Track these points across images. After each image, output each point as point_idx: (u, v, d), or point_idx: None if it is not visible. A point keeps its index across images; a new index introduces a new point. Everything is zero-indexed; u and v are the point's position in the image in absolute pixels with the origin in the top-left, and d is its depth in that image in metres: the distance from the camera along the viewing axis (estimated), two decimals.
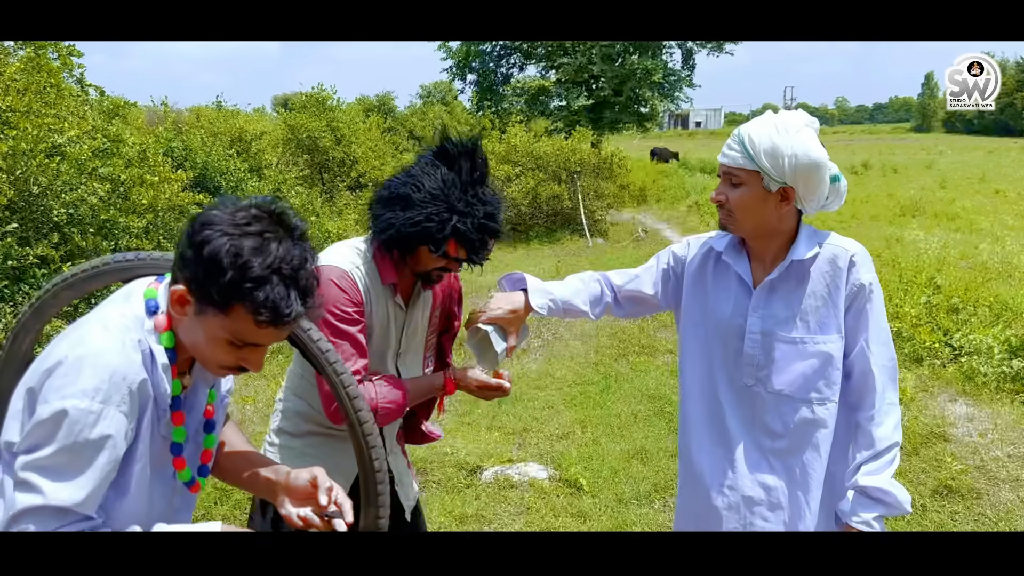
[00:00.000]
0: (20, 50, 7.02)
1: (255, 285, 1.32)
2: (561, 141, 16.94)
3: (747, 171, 1.87)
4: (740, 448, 2.01)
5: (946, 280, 7.78)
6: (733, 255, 2.03)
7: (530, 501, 4.28)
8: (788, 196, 1.89)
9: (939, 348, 6.22)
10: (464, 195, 2.01)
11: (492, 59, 29.14)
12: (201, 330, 1.40)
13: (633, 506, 4.22)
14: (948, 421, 5.13)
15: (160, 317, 1.45)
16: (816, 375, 1.94)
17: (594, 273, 2.28)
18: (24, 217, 5.90)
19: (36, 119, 6.09)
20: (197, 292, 1.36)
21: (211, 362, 1.45)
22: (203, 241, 1.32)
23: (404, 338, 2.25)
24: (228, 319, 1.36)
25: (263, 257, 1.33)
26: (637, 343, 7.27)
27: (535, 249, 13.59)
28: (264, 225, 1.37)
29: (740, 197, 1.89)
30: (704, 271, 2.11)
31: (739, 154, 1.87)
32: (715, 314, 2.05)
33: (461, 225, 1.99)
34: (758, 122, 1.89)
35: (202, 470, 1.62)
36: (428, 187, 2.00)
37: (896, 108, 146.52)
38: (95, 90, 8.57)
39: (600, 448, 4.97)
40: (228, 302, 1.34)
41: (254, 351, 1.43)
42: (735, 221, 1.93)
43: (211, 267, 1.32)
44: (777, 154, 1.83)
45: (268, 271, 1.33)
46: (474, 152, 2.08)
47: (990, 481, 4.35)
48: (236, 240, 1.33)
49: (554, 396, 5.99)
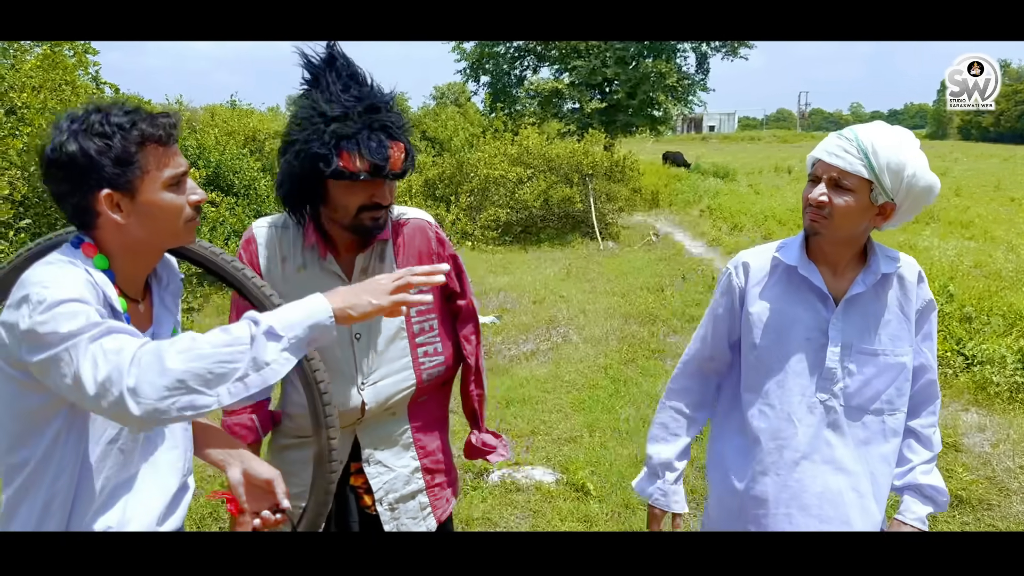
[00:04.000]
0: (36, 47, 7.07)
1: (127, 127, 1.45)
2: (574, 144, 16.92)
3: (860, 179, 1.79)
4: (810, 467, 1.95)
5: (960, 288, 7.72)
6: (808, 268, 1.94)
7: (536, 505, 4.27)
8: (886, 212, 1.85)
9: (952, 357, 6.17)
10: (337, 101, 1.83)
11: (506, 61, 29.17)
12: (147, 205, 1.49)
13: (641, 512, 4.20)
14: (960, 431, 5.08)
15: (86, 246, 1.52)
16: (892, 388, 1.93)
17: (674, 409, 2.21)
18: (37, 213, 5.94)
19: (51, 116, 6.13)
20: (108, 180, 1.45)
21: (176, 221, 1.53)
22: (70, 153, 1.43)
23: None
24: (148, 171, 1.47)
25: (105, 116, 1.45)
26: (647, 347, 7.24)
27: (546, 252, 13.58)
28: (72, 118, 1.48)
29: (847, 204, 1.81)
30: (775, 287, 2.00)
31: (858, 160, 1.78)
32: (792, 329, 1.96)
33: (343, 129, 1.80)
34: (879, 132, 1.82)
35: None
36: (302, 117, 1.85)
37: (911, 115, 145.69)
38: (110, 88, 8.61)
39: (608, 453, 4.95)
40: (137, 156, 1.46)
41: (183, 183, 1.54)
42: (830, 226, 1.84)
43: (96, 152, 1.43)
44: (899, 171, 1.78)
45: (121, 116, 1.46)
46: (332, 58, 1.89)
47: (1001, 492, 4.31)
48: (78, 130, 1.45)
49: (562, 399, 5.97)
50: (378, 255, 2.06)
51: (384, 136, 1.83)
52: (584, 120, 26.67)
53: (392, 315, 1.50)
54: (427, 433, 2.21)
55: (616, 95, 27.36)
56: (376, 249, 2.05)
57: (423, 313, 2.13)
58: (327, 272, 2.01)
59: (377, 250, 2.06)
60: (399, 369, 2.10)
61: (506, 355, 7.17)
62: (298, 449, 2.13)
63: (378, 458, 2.13)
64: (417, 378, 2.12)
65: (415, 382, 2.12)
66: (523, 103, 27.98)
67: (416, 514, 2.17)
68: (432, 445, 2.22)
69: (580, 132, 24.05)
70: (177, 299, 1.72)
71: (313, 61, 1.89)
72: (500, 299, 9.44)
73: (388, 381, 2.08)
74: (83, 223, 1.51)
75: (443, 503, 2.25)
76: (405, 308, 1.61)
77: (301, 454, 2.11)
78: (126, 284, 1.58)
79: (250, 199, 10.45)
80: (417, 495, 2.18)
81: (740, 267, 2.06)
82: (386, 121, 1.85)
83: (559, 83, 27.61)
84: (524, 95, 28.34)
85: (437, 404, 2.27)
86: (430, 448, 2.21)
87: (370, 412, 2.07)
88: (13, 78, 6.28)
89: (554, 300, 9.31)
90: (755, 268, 2.03)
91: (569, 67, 27.44)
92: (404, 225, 2.11)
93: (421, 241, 2.13)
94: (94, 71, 8.18)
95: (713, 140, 72.48)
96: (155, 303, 1.65)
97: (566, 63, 27.62)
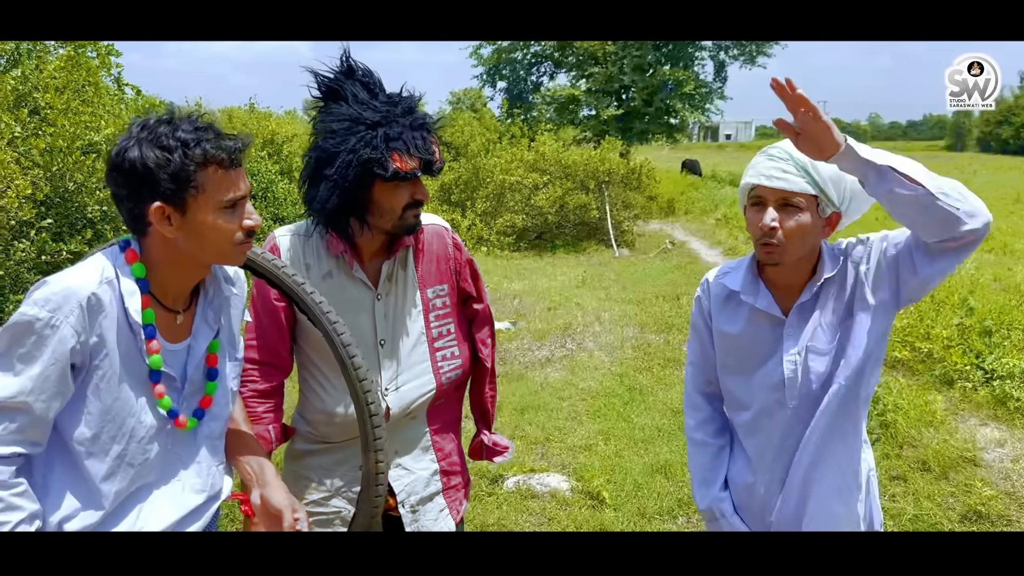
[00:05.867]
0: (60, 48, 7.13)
1: (191, 144, 1.47)
2: (590, 151, 16.91)
3: (807, 196, 1.79)
4: (792, 469, 1.96)
5: (979, 302, 7.65)
6: (752, 292, 1.94)
7: (551, 512, 4.26)
8: (833, 222, 1.86)
9: (971, 371, 6.11)
10: (371, 107, 1.88)
11: (523, 67, 29.23)
12: (198, 223, 1.51)
13: (656, 521, 4.18)
14: (979, 445, 5.03)
15: (129, 251, 1.56)
16: (855, 376, 1.88)
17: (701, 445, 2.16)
18: (59, 213, 5.98)
19: (74, 117, 6.18)
20: (162, 194, 1.47)
21: (225, 244, 1.55)
22: (131, 160, 1.46)
23: (381, 325, 2.06)
24: (204, 190, 1.49)
25: (172, 129, 1.47)
26: (662, 356, 7.22)
27: (561, 258, 13.57)
28: (143, 125, 1.51)
29: (800, 224, 1.79)
30: (727, 312, 2.01)
31: (801, 178, 1.77)
32: (751, 346, 1.97)
33: (391, 132, 1.85)
34: None
35: (197, 412, 1.68)
36: (338, 128, 1.87)
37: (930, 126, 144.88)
38: (132, 89, 8.68)
39: (623, 461, 4.93)
40: (195, 175, 1.47)
41: (241, 207, 1.56)
42: (786, 250, 1.82)
43: (154, 164, 1.45)
44: (840, 180, 1.79)
45: (189, 132, 1.48)
46: (351, 71, 1.94)
47: (1021, 508, 4.26)
48: (136, 142, 1.47)
49: (577, 406, 5.96)
50: (401, 262, 2.08)
51: (426, 132, 1.91)
52: (600, 127, 26.64)
53: None
54: (444, 435, 2.23)
55: (633, 102, 27.33)
56: (400, 256, 2.07)
57: (441, 317, 2.15)
58: (354, 280, 2.03)
59: (401, 257, 2.07)
60: (420, 373, 2.11)
61: (521, 361, 7.16)
62: (318, 455, 2.14)
63: (399, 461, 2.14)
64: (437, 382, 2.13)
65: (435, 386, 2.13)
66: (539, 109, 27.99)
67: (435, 515, 2.18)
68: (448, 447, 2.24)
69: (596, 139, 24.03)
70: (221, 313, 1.72)
71: (329, 75, 1.94)
72: (515, 305, 9.43)
73: (410, 386, 2.09)
74: (135, 228, 1.54)
75: (458, 504, 2.26)
76: (423, 313, 1.80)
77: (321, 460, 2.13)
78: (165, 295, 1.60)
79: (268, 201, 10.49)
80: (436, 496, 2.19)
81: (706, 288, 2.08)
82: (423, 119, 1.92)
83: (576, 90, 27.61)
84: (541, 101, 28.36)
85: (452, 407, 2.28)
86: (447, 450, 2.23)
87: (393, 417, 2.07)
88: (37, 79, 6.33)
89: (569, 307, 9.30)
90: (715, 289, 2.05)
91: (586, 73, 27.46)
92: (422, 231, 2.12)
93: (439, 246, 2.15)
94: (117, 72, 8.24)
95: (730, 148, 72.29)
96: (197, 315, 1.67)
97: (583, 70, 27.64)
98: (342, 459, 2.12)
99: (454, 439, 2.28)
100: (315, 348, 2.06)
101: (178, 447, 1.66)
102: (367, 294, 2.04)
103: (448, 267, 2.17)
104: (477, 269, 2.24)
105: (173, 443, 1.65)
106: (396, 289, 2.08)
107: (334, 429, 2.10)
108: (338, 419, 2.07)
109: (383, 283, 2.05)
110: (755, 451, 2.03)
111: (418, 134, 1.88)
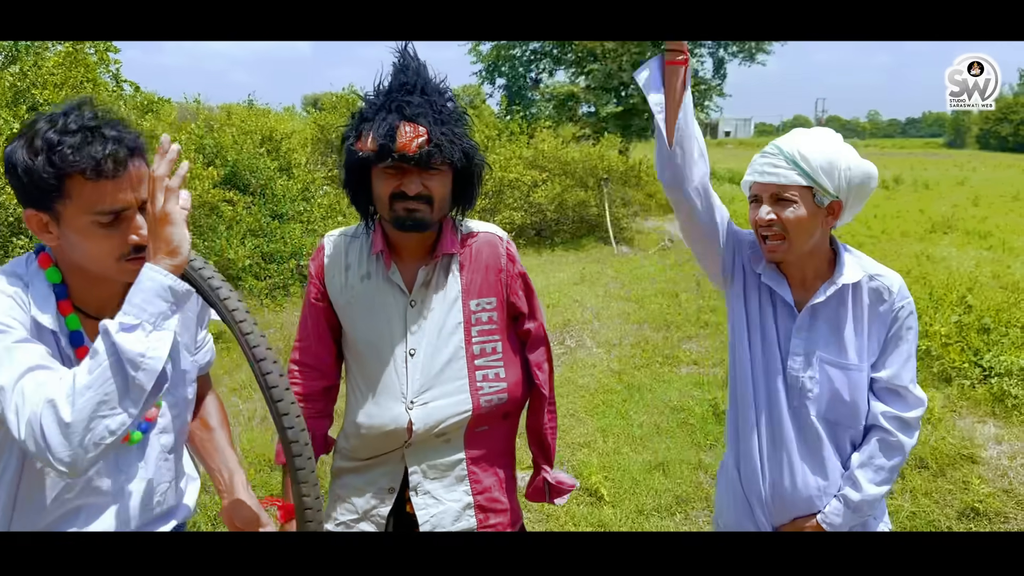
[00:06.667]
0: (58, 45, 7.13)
1: (57, 149, 1.33)
2: (589, 148, 16.90)
3: (800, 188, 1.82)
4: (787, 472, 1.96)
5: (977, 299, 7.66)
6: (773, 278, 1.95)
7: (550, 509, 4.26)
8: (835, 211, 1.87)
9: (969, 368, 6.12)
10: (382, 91, 1.83)
11: (522, 63, 29.18)
12: (73, 234, 1.39)
13: (654, 518, 4.19)
14: (976, 443, 5.04)
15: (43, 255, 1.46)
16: (859, 400, 1.92)
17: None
18: None
19: None
20: (34, 200, 1.37)
21: (107, 259, 1.41)
22: (10, 160, 1.36)
23: (413, 333, 1.92)
24: (72, 200, 1.35)
25: (50, 127, 1.35)
26: (660, 353, 7.22)
27: (559, 255, 13.57)
28: (36, 120, 1.39)
29: (796, 216, 1.82)
30: (751, 291, 2.01)
31: (791, 171, 1.81)
32: (763, 334, 1.97)
33: (367, 112, 1.80)
34: (800, 138, 1.85)
35: (142, 426, 1.57)
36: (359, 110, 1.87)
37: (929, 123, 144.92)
38: (130, 86, 8.69)
39: (622, 458, 4.94)
40: (58, 184, 1.34)
41: (125, 221, 1.40)
42: (789, 244, 1.85)
43: (22, 169, 1.35)
44: (833, 168, 1.81)
45: (58, 134, 1.34)
46: (405, 68, 1.85)
47: (1018, 505, 4.27)
48: (21, 139, 1.37)
49: (576, 404, 5.96)
50: (443, 268, 1.96)
51: (397, 117, 1.76)
52: (599, 124, 26.62)
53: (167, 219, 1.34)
54: (486, 467, 2.02)
55: (632, 99, 27.30)
56: (442, 262, 1.96)
57: (485, 333, 1.97)
58: (389, 283, 1.93)
59: (443, 263, 1.96)
60: (454, 392, 1.93)
61: None
62: (354, 474, 2.03)
63: (427, 488, 1.97)
64: (474, 403, 1.94)
65: (471, 407, 1.94)
66: (539, 106, 27.97)
67: None
68: (489, 480, 2.02)
69: (596, 136, 24.02)
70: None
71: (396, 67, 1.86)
72: None
73: (441, 403, 1.92)
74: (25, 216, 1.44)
75: None
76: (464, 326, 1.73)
77: (356, 480, 2.02)
78: (87, 302, 1.49)
79: (266, 198, 10.49)
80: None
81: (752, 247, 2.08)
82: (403, 101, 1.77)
83: (575, 87, 27.58)
84: (540, 98, 28.33)
85: (500, 437, 2.07)
86: (486, 483, 2.02)
87: (418, 435, 1.92)
88: (35, 75, 6.33)
89: (568, 304, 9.30)
90: (747, 259, 2.05)
91: (585, 70, 27.41)
92: (473, 237, 2.01)
93: (489, 255, 2.00)
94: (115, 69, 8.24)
95: (729, 145, 72.24)
96: None
97: (582, 67, 27.59)
98: (371, 480, 2.00)
99: (499, 474, 2.05)
100: (352, 351, 2.00)
101: (123, 463, 1.55)
102: (401, 299, 1.93)
103: (498, 279, 1.99)
104: (531, 284, 2.07)
105: (117, 458, 1.54)
106: (434, 297, 1.94)
107: (360, 443, 1.99)
108: (363, 431, 1.96)
109: (418, 288, 1.92)
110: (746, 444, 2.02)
111: (391, 116, 1.75)
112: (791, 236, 1.84)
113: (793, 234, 1.84)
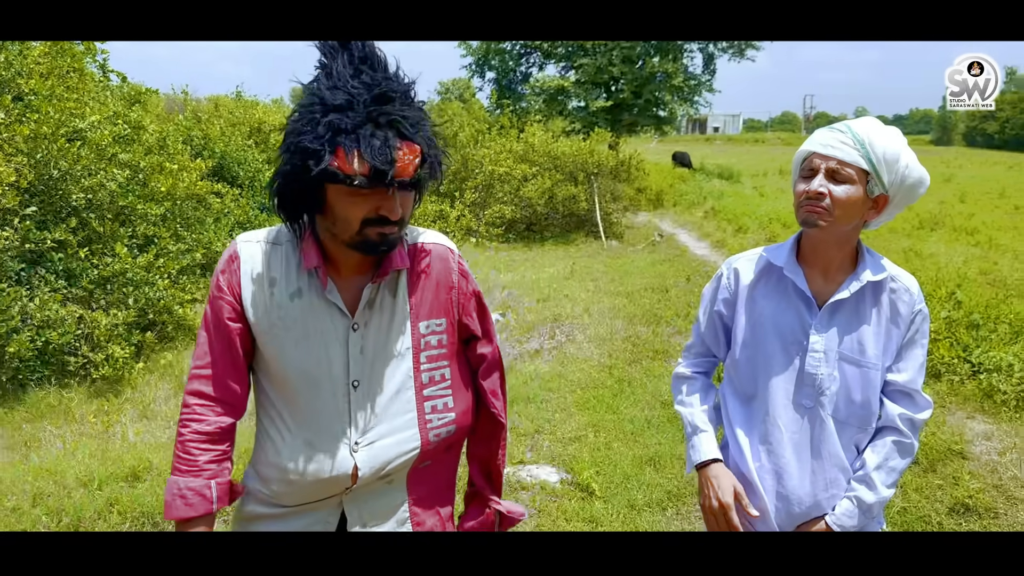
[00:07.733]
0: None
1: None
2: (579, 142, 16.90)
3: (858, 169, 1.80)
4: (795, 472, 1.95)
5: (966, 296, 7.70)
6: (794, 270, 1.94)
7: (542, 504, 4.25)
8: (879, 205, 1.86)
9: (958, 364, 6.14)
10: (342, 88, 1.47)
11: (512, 57, 29.14)
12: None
13: (646, 513, 4.18)
14: (966, 438, 5.06)
15: None
16: (872, 399, 1.91)
17: (692, 381, 2.21)
18: (43, 201, 5.91)
19: (58, 103, 6.11)
20: None
21: None
22: None
23: (356, 362, 1.67)
24: None
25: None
26: (651, 347, 7.22)
27: (549, 250, 13.56)
28: None
29: (848, 194, 1.80)
30: (763, 289, 2.01)
31: (856, 151, 1.79)
32: (779, 330, 1.95)
33: (341, 121, 1.44)
34: (872, 125, 1.84)
35: None
36: (300, 105, 1.51)
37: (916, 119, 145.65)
38: (117, 76, 8.60)
39: (613, 453, 4.93)
40: None
41: None
42: (831, 218, 1.82)
43: None
44: (895, 162, 1.81)
45: None
46: (346, 44, 1.54)
47: (1008, 501, 4.28)
48: None
49: (567, 399, 5.95)
50: (389, 287, 1.71)
51: (392, 134, 1.47)
52: (589, 118, 26.63)
53: None
54: (428, 506, 1.83)
55: (622, 94, 27.33)
56: (389, 279, 1.71)
57: (434, 359, 1.76)
58: (326, 303, 1.65)
59: (389, 280, 1.71)
60: (401, 427, 1.72)
61: (510, 353, 7.15)
62: (276, 521, 1.74)
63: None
64: (422, 439, 1.74)
65: (419, 444, 1.74)
66: (529, 100, 27.94)
67: None
68: (431, 521, 1.84)
69: (585, 130, 24.01)
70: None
71: (322, 45, 1.56)
72: (504, 296, 9.41)
73: (388, 442, 1.70)
74: None
75: None
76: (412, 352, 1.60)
77: (279, 526, 1.74)
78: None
79: (255, 191, 10.43)
80: None
81: (732, 272, 2.08)
82: (396, 115, 1.48)
83: (565, 81, 27.57)
84: (530, 92, 28.31)
85: (441, 471, 1.87)
86: (428, 524, 1.83)
87: (363, 479, 1.69)
88: (20, 64, 6.25)
89: (558, 298, 9.29)
90: (744, 272, 2.05)
91: (575, 65, 27.40)
92: (422, 252, 1.76)
93: (440, 271, 1.78)
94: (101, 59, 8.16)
95: (718, 141, 72.45)
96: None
97: (572, 61, 27.58)
98: (299, 528, 1.74)
99: (440, 513, 1.87)
100: (275, 382, 1.70)
101: None
102: (341, 322, 1.66)
103: (449, 297, 1.78)
104: (485, 303, 1.87)
105: None
106: (380, 319, 1.69)
107: (288, 489, 1.70)
108: (292, 476, 1.67)
109: (363, 310, 1.67)
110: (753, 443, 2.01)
111: (381, 132, 1.46)
112: (836, 212, 1.81)
113: (839, 211, 1.81)
